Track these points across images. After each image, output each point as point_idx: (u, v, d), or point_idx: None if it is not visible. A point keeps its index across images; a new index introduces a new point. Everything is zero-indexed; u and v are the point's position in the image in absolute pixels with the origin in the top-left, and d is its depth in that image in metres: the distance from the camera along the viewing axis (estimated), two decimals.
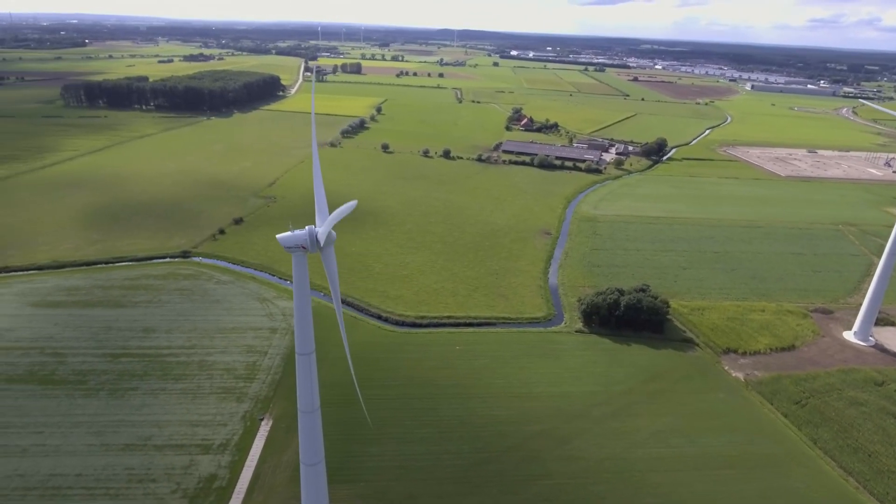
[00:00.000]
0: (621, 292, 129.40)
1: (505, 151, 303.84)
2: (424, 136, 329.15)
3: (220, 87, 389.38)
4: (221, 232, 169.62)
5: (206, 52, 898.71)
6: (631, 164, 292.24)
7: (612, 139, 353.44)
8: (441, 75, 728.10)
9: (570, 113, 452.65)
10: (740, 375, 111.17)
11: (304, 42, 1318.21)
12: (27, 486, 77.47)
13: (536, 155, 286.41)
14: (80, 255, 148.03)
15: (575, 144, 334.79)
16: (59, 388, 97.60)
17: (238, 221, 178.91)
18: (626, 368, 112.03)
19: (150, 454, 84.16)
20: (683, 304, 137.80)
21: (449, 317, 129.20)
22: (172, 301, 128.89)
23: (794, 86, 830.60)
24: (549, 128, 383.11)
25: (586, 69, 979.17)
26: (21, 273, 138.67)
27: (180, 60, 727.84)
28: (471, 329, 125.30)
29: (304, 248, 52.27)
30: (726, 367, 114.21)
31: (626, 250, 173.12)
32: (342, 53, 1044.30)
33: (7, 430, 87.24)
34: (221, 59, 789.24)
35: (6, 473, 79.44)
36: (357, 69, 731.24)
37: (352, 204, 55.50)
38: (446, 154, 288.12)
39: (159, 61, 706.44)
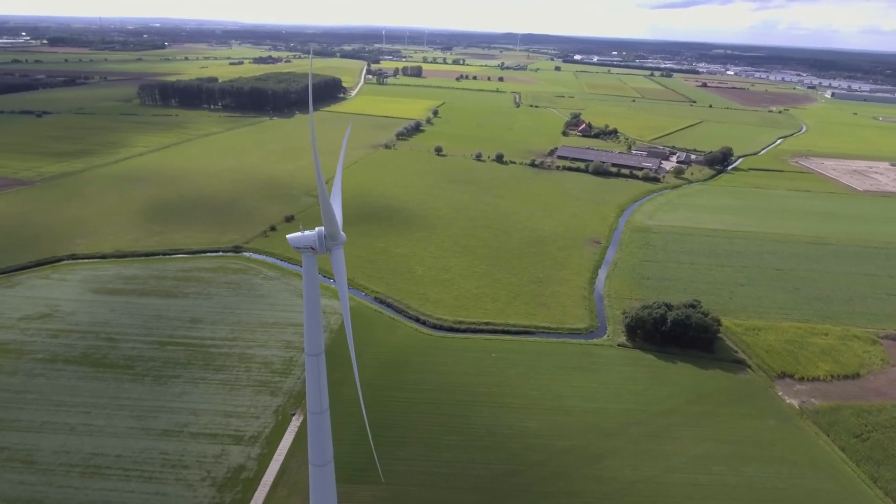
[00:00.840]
0: (669, 307, 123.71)
1: (559, 157, 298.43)
2: (479, 140, 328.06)
3: (283, 89, 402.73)
4: (272, 229, 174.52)
5: (275, 54, 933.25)
6: (692, 174, 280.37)
7: (673, 147, 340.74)
8: (501, 79, 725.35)
9: (631, 119, 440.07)
10: (795, 402, 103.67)
11: (368, 45, 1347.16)
12: (71, 463, 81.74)
13: (591, 161, 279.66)
14: (141, 246, 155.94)
15: (634, 151, 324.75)
16: (109, 371, 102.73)
17: (289, 219, 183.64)
18: (669, 387, 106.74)
19: (185, 441, 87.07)
20: (737, 323, 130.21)
21: (487, 323, 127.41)
22: (220, 294, 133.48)
23: (880, 94, 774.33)
24: (608, 134, 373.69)
25: (652, 74, 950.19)
26: (87, 261, 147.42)
27: (250, 62, 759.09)
28: (508, 337, 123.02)
29: (313, 248, 52.12)
30: (780, 393, 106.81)
31: (679, 263, 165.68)
32: (404, 57, 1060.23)
33: (59, 409, 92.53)
34: (288, 61, 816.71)
35: (54, 449, 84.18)
36: (418, 72, 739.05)
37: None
38: (499, 158, 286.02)
39: (230, 63, 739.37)
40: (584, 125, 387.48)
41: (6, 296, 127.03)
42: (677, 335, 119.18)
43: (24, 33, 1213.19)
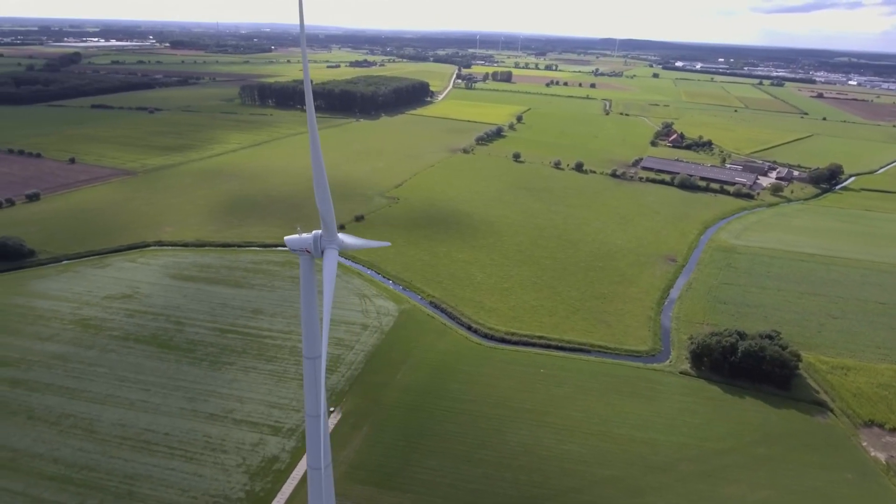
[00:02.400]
0: (741, 336, 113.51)
1: (644, 168, 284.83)
2: (560, 148, 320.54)
3: (371, 92, 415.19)
4: (342, 227, 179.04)
5: (371, 58, 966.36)
6: (792, 192, 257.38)
7: (774, 161, 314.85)
8: (593, 86, 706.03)
9: (729, 130, 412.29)
10: (881, 456, 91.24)
11: (462, 50, 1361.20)
12: (125, 436, 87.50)
13: (678, 174, 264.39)
14: (219, 237, 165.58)
15: (727, 165, 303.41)
16: (173, 353, 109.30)
17: (359, 218, 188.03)
18: (732, 424, 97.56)
19: (228, 426, 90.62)
20: (823, 360, 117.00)
21: (540, 337, 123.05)
22: (283, 287, 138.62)
23: None
24: (701, 145, 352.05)
25: (760, 83, 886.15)
26: (170, 248, 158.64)
27: (346, 66, 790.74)
28: (561, 353, 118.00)
29: (308, 251, 51.82)
30: (864, 444, 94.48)
31: (762, 288, 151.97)
32: (497, 62, 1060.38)
33: (123, 384, 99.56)
34: (383, 65, 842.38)
35: (112, 421, 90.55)
36: (507, 77, 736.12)
37: (381, 243, 55.11)
38: (578, 167, 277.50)
39: (328, 66, 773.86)
40: (675, 135, 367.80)
41: (97, 276, 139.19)
42: (748, 368, 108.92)
43: (151, 37, 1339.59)
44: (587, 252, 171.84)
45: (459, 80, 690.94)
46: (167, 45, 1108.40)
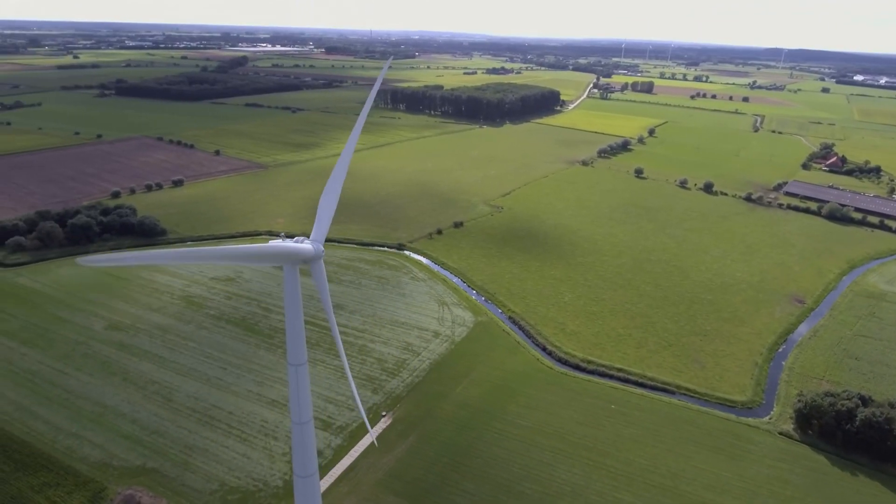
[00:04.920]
0: (864, 401, 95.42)
1: (786, 193, 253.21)
2: (691, 165, 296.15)
3: (497, 99, 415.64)
4: (439, 232, 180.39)
5: (508, 65, 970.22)
6: None
7: None
8: (745, 99, 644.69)
9: None
10: None
11: (605, 59, 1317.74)
12: (194, 409, 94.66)
13: (827, 202, 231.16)
14: None
15: None
16: (254, 337, 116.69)
17: (458, 225, 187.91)
18: None
19: (284, 414, 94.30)
20: None
21: (620, 369, 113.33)
22: (369, 286, 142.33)
23: None
24: (866, 172, 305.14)
25: None
26: (277, 238, 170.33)
27: (483, 73, 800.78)
28: (639, 390, 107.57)
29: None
30: None
31: None
32: (641, 71, 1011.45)
33: (206, 360, 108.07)
34: (519, 73, 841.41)
35: (188, 393, 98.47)
36: (648, 88, 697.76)
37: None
38: (707, 187, 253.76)
39: (464, 73, 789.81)
40: (834, 158, 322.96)
41: None
42: (869, 440, 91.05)
43: (311, 43, 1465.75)
44: (697, 282, 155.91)
45: (595, 90, 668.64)
46: (322, 50, 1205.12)
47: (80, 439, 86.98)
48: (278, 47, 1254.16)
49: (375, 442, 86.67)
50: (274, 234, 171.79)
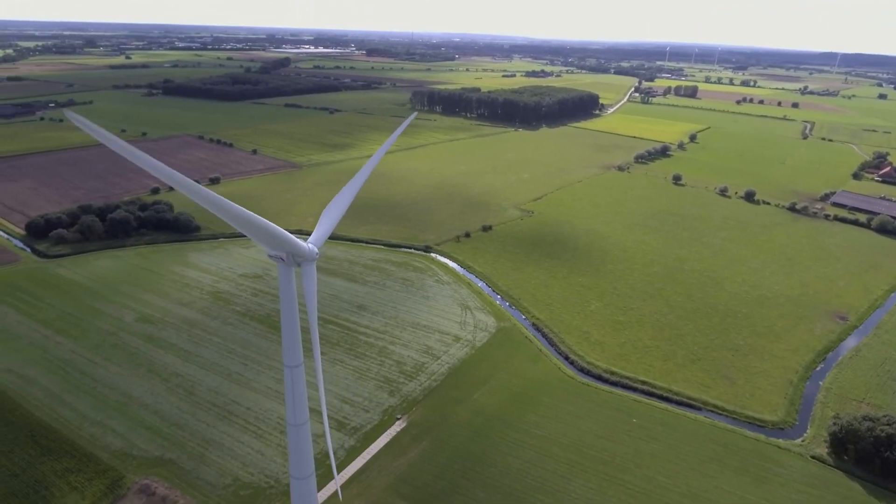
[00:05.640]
0: None
1: (834, 204, 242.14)
2: (732, 173, 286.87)
3: (534, 102, 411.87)
4: (467, 235, 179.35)
5: (548, 69, 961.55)
6: None
7: None
8: (795, 105, 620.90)
9: None
10: None
11: (648, 62, 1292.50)
12: (214, 402, 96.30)
13: (878, 214, 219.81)
14: (350, 231, 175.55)
15: None
16: (277, 334, 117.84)
17: (486, 228, 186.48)
18: None
19: None
20: None
21: (644, 382, 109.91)
22: (393, 287, 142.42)
23: None
24: None
25: None
26: (306, 236, 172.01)
27: (522, 75, 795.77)
28: (664, 405, 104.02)
29: (283, 258, 50.53)
30: None
31: None
32: (686, 75, 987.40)
33: (229, 355, 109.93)
34: (559, 76, 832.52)
35: (209, 387, 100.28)
36: (692, 93, 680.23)
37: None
38: (748, 196, 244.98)
39: (503, 75, 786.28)
40: (888, 168, 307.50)
41: (241, 254, 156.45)
42: None
43: (352, 45, 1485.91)
44: (732, 294, 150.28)
45: (636, 94, 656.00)
46: (363, 52, 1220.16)
47: (104, 428, 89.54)
48: (321, 49, 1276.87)
49: (339, 493, 77.25)
50: (304, 233, 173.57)
